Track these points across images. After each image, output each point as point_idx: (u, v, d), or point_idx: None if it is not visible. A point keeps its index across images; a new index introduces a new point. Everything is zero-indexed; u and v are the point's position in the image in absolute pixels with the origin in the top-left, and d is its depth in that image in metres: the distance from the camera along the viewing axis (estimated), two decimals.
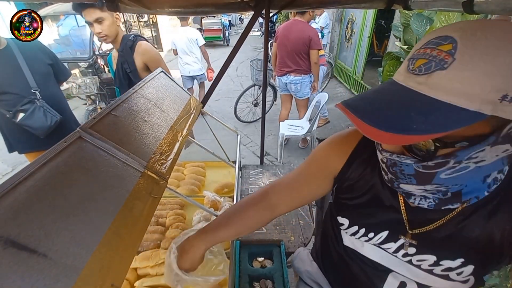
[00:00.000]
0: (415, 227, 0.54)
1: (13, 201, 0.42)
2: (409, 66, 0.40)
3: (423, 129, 0.35)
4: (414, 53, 0.41)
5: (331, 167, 0.65)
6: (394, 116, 0.37)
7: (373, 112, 0.39)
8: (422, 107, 0.37)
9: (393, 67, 2.68)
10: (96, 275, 0.43)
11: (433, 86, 0.37)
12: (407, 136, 0.35)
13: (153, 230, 1.13)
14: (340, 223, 0.65)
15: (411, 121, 0.36)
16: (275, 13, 1.61)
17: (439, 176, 0.42)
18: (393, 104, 0.39)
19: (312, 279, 0.81)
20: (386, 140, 0.37)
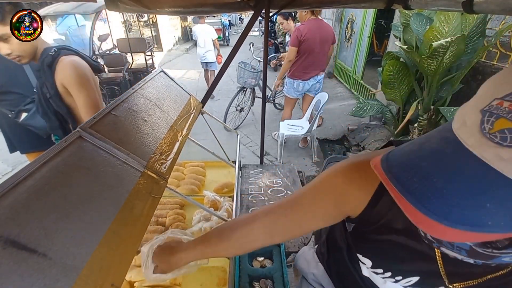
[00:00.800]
0: (455, 281, 0.45)
1: (13, 201, 0.42)
2: (484, 125, 0.27)
3: (501, 226, 0.26)
4: (492, 104, 0.28)
5: (347, 207, 0.52)
6: (461, 206, 0.27)
7: (432, 195, 0.28)
8: (503, 195, 0.26)
9: (393, 67, 2.67)
10: (96, 275, 0.43)
11: None
12: (479, 234, 0.27)
13: (153, 230, 1.13)
14: (360, 260, 0.57)
15: (486, 214, 0.26)
16: (275, 13, 1.61)
17: (501, 259, 0.34)
18: (461, 184, 0.27)
19: (318, 282, 0.78)
20: (448, 237, 0.28)
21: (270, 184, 1.54)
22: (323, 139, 3.71)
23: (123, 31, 6.77)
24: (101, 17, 4.71)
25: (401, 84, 2.78)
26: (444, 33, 2.18)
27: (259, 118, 3.63)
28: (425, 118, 2.56)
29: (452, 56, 2.12)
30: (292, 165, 1.71)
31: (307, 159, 3.24)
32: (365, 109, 3.04)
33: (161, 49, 9.78)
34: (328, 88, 5.35)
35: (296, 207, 0.55)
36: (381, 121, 3.66)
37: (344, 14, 5.41)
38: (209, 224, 1.10)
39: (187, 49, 10.60)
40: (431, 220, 0.27)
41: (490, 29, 2.26)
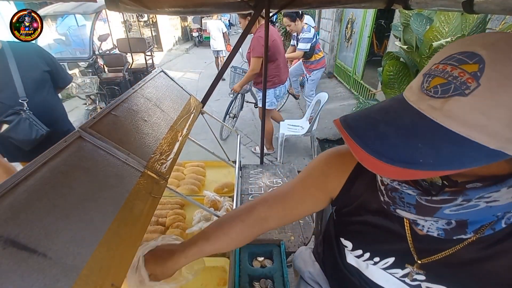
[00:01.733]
0: (424, 256, 0.49)
1: (13, 201, 0.42)
2: (423, 84, 0.34)
3: (431, 164, 0.30)
4: (432, 68, 0.34)
5: (328, 188, 0.59)
6: (398, 146, 0.32)
7: (375, 138, 0.34)
8: (432, 138, 0.31)
9: (393, 67, 2.67)
10: (96, 275, 0.43)
11: (449, 114, 0.31)
12: (412, 170, 0.31)
13: (153, 229, 1.13)
14: (343, 245, 0.61)
15: (418, 154, 0.31)
16: (275, 13, 1.61)
17: (443, 211, 0.38)
18: (400, 130, 0.33)
19: (314, 280, 0.80)
20: (387, 173, 0.32)
21: (270, 184, 1.54)
22: (323, 139, 3.71)
23: (123, 31, 6.78)
24: (101, 17, 4.71)
25: (401, 84, 2.77)
26: (444, 33, 2.18)
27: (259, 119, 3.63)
28: None
29: None
30: (292, 165, 1.71)
31: (307, 159, 3.24)
32: None
33: (161, 49, 9.78)
34: (328, 88, 5.35)
35: (289, 195, 0.62)
36: None
37: (344, 14, 5.41)
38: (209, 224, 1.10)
39: (187, 49, 10.60)
40: (373, 158, 0.32)
41: (490, 29, 2.25)
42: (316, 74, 3.74)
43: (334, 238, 0.68)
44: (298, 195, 0.62)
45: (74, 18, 4.18)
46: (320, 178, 0.60)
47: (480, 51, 0.30)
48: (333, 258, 0.70)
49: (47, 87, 1.55)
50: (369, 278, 0.60)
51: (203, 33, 11.01)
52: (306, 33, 3.41)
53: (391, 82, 2.77)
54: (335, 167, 0.58)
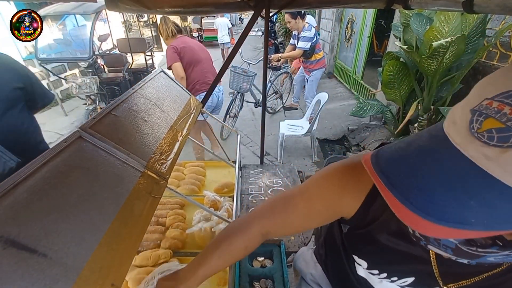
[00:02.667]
0: (449, 282, 0.45)
1: (13, 201, 0.42)
2: (473, 124, 0.28)
3: (484, 224, 0.26)
4: (482, 104, 0.28)
5: (342, 209, 0.53)
6: (446, 203, 0.27)
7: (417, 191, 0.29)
8: (487, 194, 0.26)
9: (393, 67, 2.67)
10: (96, 275, 0.43)
11: (508, 169, 0.25)
12: (462, 231, 0.27)
13: (153, 230, 1.13)
14: (355, 261, 0.57)
15: (470, 212, 0.26)
16: (275, 13, 1.61)
17: (486, 258, 0.35)
18: (449, 183, 0.28)
19: (316, 282, 0.78)
20: (433, 233, 0.28)
21: (270, 184, 1.54)
22: (323, 139, 3.71)
23: (123, 31, 6.77)
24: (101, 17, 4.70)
25: (401, 84, 2.78)
26: (444, 33, 2.18)
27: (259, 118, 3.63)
28: (425, 118, 2.56)
29: (452, 56, 2.12)
30: (292, 165, 1.71)
31: (307, 159, 3.24)
32: (365, 109, 3.04)
33: (161, 49, 9.76)
34: (328, 88, 5.35)
35: (291, 209, 0.56)
36: (381, 121, 3.65)
37: (344, 14, 5.41)
38: (209, 224, 1.10)
39: None
40: (415, 215, 0.28)
41: (490, 29, 2.25)
42: (315, 74, 3.73)
43: (343, 250, 0.64)
44: (302, 212, 0.56)
45: (74, 18, 4.19)
46: (331, 198, 0.52)
47: None
48: (339, 267, 0.67)
49: (19, 107, 1.24)
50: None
51: (203, 33, 11.02)
52: (307, 31, 3.40)
53: (391, 82, 2.77)
54: (351, 188, 0.50)
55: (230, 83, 3.51)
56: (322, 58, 3.66)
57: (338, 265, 0.68)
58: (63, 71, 5.34)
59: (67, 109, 4.61)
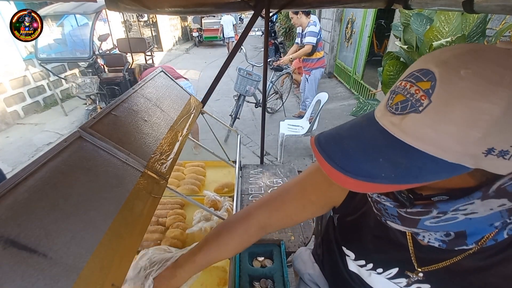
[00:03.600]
0: (424, 265, 0.49)
1: (13, 201, 0.42)
2: (388, 101, 0.35)
3: (392, 178, 0.31)
4: (397, 85, 0.36)
5: (332, 196, 0.58)
6: (361, 161, 0.33)
7: (341, 154, 0.35)
8: (392, 152, 0.32)
9: (393, 67, 2.67)
10: (96, 275, 0.43)
11: (406, 130, 0.32)
12: (374, 184, 0.32)
13: (153, 229, 1.13)
14: (345, 253, 0.60)
15: (380, 168, 0.32)
16: (275, 13, 1.61)
17: (423, 223, 0.38)
18: (365, 145, 0.35)
19: (314, 282, 0.79)
20: (351, 186, 0.33)
21: (270, 184, 1.54)
22: None
23: (123, 31, 6.77)
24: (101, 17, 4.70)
25: None
26: (444, 33, 2.18)
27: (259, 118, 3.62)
28: None
29: None
30: (292, 165, 1.71)
31: (307, 159, 3.24)
32: (365, 109, 3.04)
33: (161, 49, 9.78)
34: (328, 88, 5.35)
35: (287, 202, 0.61)
36: None
37: (344, 14, 5.41)
38: (209, 224, 1.10)
39: (187, 49, 10.60)
40: (338, 173, 0.33)
41: (490, 29, 2.25)
42: (315, 73, 3.72)
43: (335, 244, 0.67)
44: (298, 202, 0.60)
45: (75, 18, 4.19)
46: (322, 186, 0.58)
47: (433, 68, 0.31)
48: (334, 263, 0.69)
49: None
50: (371, 286, 0.59)
51: (203, 33, 11.03)
52: (313, 26, 3.37)
53: (391, 82, 2.77)
54: None
55: (237, 86, 3.49)
56: (322, 58, 3.65)
57: (333, 263, 0.69)
58: (63, 71, 5.34)
59: (67, 109, 4.61)
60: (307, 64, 3.70)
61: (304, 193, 0.60)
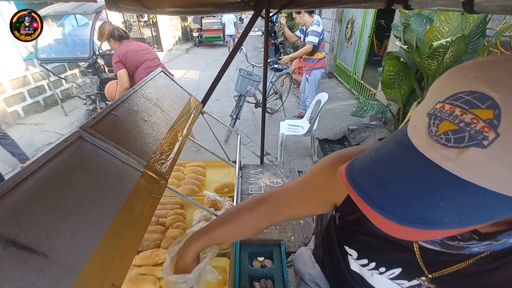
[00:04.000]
0: (434, 270, 0.47)
1: (13, 201, 0.42)
2: (431, 128, 0.30)
3: (456, 222, 0.27)
4: (436, 108, 0.30)
5: (333, 194, 0.58)
6: (419, 207, 0.28)
7: (390, 200, 0.30)
8: (454, 193, 0.28)
9: (393, 67, 2.67)
10: (96, 274, 0.43)
11: (468, 167, 0.27)
12: (438, 231, 0.28)
13: (153, 229, 1.13)
14: (347, 252, 0.60)
15: (441, 212, 0.28)
16: (275, 13, 1.61)
17: (471, 249, 0.36)
18: (415, 186, 0.29)
19: (315, 282, 0.79)
20: (412, 237, 0.29)
21: (270, 184, 1.54)
22: (323, 139, 3.71)
23: None
24: (101, 17, 4.71)
25: (402, 84, 2.77)
26: (444, 33, 2.18)
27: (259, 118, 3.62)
28: None
29: (452, 56, 2.11)
30: (292, 165, 1.71)
31: (307, 159, 3.24)
32: (365, 109, 3.04)
33: (161, 49, 9.77)
34: (328, 88, 5.35)
35: (293, 197, 0.64)
36: (381, 121, 3.65)
37: (344, 14, 5.41)
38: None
39: (187, 49, 10.60)
40: (393, 223, 0.29)
41: (490, 29, 2.25)
42: (315, 73, 3.72)
43: (337, 243, 0.67)
44: (302, 198, 0.62)
45: (75, 18, 4.19)
46: (324, 184, 0.58)
47: (491, 93, 0.27)
48: (335, 263, 0.69)
49: None
50: (373, 286, 0.59)
51: (203, 33, 11.03)
52: (315, 26, 3.37)
53: (391, 82, 2.77)
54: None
55: (237, 86, 3.48)
56: (323, 58, 3.65)
57: (334, 262, 0.70)
58: (63, 71, 5.34)
59: (67, 109, 4.61)
60: (308, 64, 3.69)
61: (308, 190, 0.62)
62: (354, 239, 0.58)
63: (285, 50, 8.57)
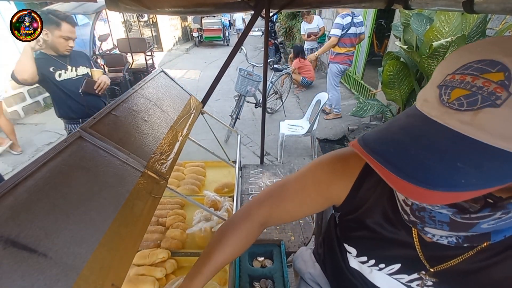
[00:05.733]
0: (435, 264, 0.47)
1: (13, 201, 0.42)
2: (442, 97, 0.31)
3: (474, 184, 0.27)
4: (446, 79, 0.32)
5: (331, 195, 0.57)
6: (437, 169, 0.29)
7: (409, 163, 0.30)
8: (470, 155, 0.28)
9: (393, 67, 2.67)
10: (96, 274, 0.43)
11: (483, 128, 0.28)
12: (455, 193, 0.28)
13: (153, 229, 1.13)
14: (347, 250, 0.60)
15: (459, 174, 0.28)
16: (275, 13, 1.61)
17: (480, 226, 0.36)
18: (433, 150, 0.30)
19: (315, 281, 0.79)
20: (431, 199, 0.29)
21: (270, 184, 1.54)
22: (323, 139, 3.71)
23: (123, 31, 6.77)
24: (101, 17, 4.71)
25: (402, 84, 2.77)
26: (444, 33, 2.18)
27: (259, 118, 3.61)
28: None
29: None
30: (292, 165, 1.71)
31: (307, 159, 3.24)
32: (365, 109, 3.04)
33: (161, 49, 9.77)
34: None
35: (287, 199, 0.60)
36: (381, 121, 3.65)
37: None
38: (209, 224, 1.10)
39: (187, 49, 10.60)
40: (412, 185, 0.29)
41: (490, 29, 2.25)
42: (331, 67, 3.71)
43: (336, 241, 0.67)
44: (297, 198, 0.59)
45: (75, 18, 4.19)
46: (322, 184, 0.57)
47: (501, 58, 0.29)
48: (334, 261, 0.69)
49: None
50: (372, 282, 0.59)
51: (203, 33, 11.04)
52: (339, 18, 3.37)
53: (391, 82, 2.77)
54: (339, 174, 0.55)
55: (237, 86, 3.47)
56: (342, 54, 3.60)
57: (334, 260, 0.69)
58: None
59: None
60: (330, 56, 3.70)
61: (304, 191, 0.59)
62: (353, 237, 0.58)
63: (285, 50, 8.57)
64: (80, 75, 1.85)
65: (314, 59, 3.95)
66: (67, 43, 1.71)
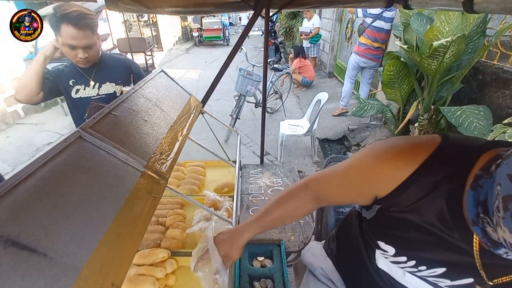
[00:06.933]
0: (493, 274, 0.45)
1: (13, 201, 0.42)
2: None
3: None
4: None
5: (377, 187, 0.54)
6: None
7: None
8: None
9: (394, 67, 2.68)
10: (96, 274, 0.43)
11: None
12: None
13: (153, 229, 1.13)
14: (381, 248, 0.57)
15: None
16: (275, 13, 1.61)
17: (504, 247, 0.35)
18: None
19: (327, 277, 0.78)
20: None
21: (271, 184, 1.54)
22: (323, 139, 3.71)
23: (123, 31, 6.77)
24: (101, 17, 4.70)
25: (402, 83, 2.77)
26: (444, 32, 2.18)
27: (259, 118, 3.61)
28: (425, 117, 2.55)
29: (452, 56, 2.11)
30: (292, 165, 1.71)
31: (307, 159, 3.24)
32: (366, 109, 3.04)
33: (161, 49, 9.77)
34: (328, 88, 5.35)
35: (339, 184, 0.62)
36: (381, 121, 3.65)
37: (344, 13, 5.40)
38: (209, 224, 1.10)
39: (187, 49, 10.60)
40: None
41: (490, 29, 2.25)
42: (351, 57, 3.70)
43: (362, 239, 0.65)
44: (345, 185, 0.61)
45: None
46: (370, 174, 0.55)
47: None
48: (356, 260, 0.67)
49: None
50: (404, 285, 0.57)
51: (203, 33, 11.04)
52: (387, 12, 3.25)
53: (392, 81, 2.77)
54: (391, 166, 0.52)
55: (237, 86, 3.47)
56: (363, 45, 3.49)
57: (355, 259, 0.68)
58: None
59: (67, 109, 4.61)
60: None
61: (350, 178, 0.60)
62: (392, 235, 0.55)
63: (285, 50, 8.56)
64: (102, 94, 1.42)
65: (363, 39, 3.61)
66: (75, 53, 1.27)
